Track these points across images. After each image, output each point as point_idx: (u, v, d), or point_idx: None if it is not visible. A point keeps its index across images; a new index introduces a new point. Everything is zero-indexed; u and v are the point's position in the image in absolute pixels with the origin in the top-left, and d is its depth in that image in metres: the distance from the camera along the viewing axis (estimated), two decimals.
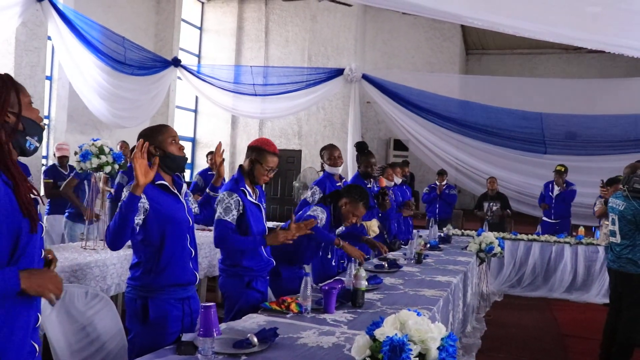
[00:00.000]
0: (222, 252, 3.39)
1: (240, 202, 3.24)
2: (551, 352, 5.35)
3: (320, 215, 3.87)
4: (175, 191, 2.79)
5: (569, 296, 7.71)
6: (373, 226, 5.60)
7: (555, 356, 5.21)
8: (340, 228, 4.44)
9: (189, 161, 10.32)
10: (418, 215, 8.16)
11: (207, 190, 3.33)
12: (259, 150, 3.36)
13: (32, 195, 1.82)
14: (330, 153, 4.99)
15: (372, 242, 4.75)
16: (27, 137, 1.89)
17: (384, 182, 5.89)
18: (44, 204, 1.84)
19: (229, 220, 3.19)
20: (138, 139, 2.67)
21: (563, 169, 8.59)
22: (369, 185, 5.68)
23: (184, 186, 2.88)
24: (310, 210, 3.94)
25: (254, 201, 3.35)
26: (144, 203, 2.60)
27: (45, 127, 2.01)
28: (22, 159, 2.03)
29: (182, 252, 2.74)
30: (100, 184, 5.24)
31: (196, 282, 2.82)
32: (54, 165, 6.90)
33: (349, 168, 10.45)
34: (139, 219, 2.59)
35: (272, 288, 3.72)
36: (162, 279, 2.66)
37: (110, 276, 4.44)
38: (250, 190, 3.35)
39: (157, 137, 2.76)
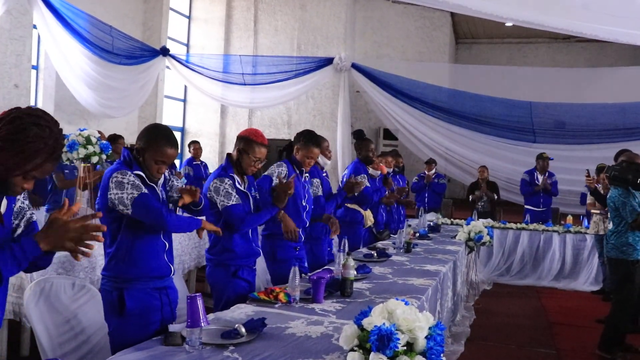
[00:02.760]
0: (211, 240, 3.38)
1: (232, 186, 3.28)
2: (539, 339, 5.39)
3: (278, 170, 3.79)
4: (151, 183, 2.68)
5: (557, 284, 7.76)
6: (370, 215, 5.64)
7: (543, 344, 5.25)
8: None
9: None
10: (412, 203, 8.14)
11: None
12: (247, 140, 3.34)
13: None
14: (326, 146, 4.91)
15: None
16: None
17: (385, 169, 5.93)
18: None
19: (234, 203, 3.22)
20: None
21: (546, 156, 8.60)
22: (370, 173, 5.67)
23: (162, 177, 2.77)
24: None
25: (242, 189, 3.35)
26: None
27: None
28: None
29: (155, 245, 2.68)
30: (81, 173, 5.06)
31: (170, 274, 2.76)
32: None
33: (338, 157, 10.46)
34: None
35: (272, 274, 3.75)
36: (134, 270, 2.61)
37: (99, 267, 4.39)
38: (238, 178, 3.34)
39: (149, 142, 2.64)
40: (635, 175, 4.57)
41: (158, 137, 2.62)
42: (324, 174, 4.82)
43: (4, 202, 1.85)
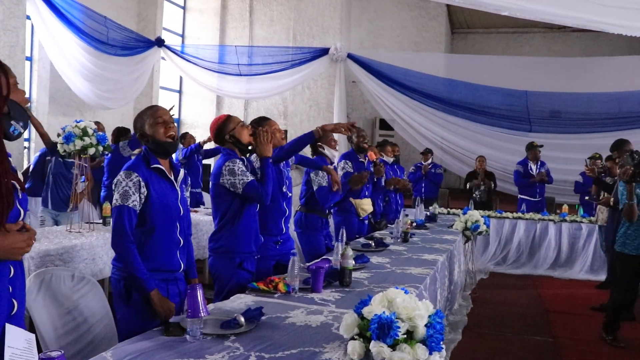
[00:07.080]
0: (216, 230, 3.38)
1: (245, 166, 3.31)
2: (536, 327, 5.43)
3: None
4: (172, 177, 2.74)
5: (553, 273, 7.81)
6: (363, 204, 5.62)
7: (539, 331, 5.29)
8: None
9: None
10: (408, 187, 8.04)
11: None
12: (222, 125, 3.36)
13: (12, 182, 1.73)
14: (332, 138, 4.90)
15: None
16: (12, 122, 1.75)
17: (374, 156, 5.94)
18: (24, 190, 1.72)
19: (253, 179, 3.22)
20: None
21: (536, 145, 8.63)
22: (361, 160, 5.68)
23: (182, 173, 2.82)
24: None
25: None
26: (143, 186, 2.59)
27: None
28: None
29: (170, 241, 2.70)
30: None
31: (180, 270, 2.77)
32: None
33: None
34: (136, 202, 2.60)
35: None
36: (146, 264, 2.62)
37: (100, 258, 4.39)
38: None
39: (141, 119, 2.74)
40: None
41: (144, 110, 2.78)
42: (334, 166, 4.83)
43: None
